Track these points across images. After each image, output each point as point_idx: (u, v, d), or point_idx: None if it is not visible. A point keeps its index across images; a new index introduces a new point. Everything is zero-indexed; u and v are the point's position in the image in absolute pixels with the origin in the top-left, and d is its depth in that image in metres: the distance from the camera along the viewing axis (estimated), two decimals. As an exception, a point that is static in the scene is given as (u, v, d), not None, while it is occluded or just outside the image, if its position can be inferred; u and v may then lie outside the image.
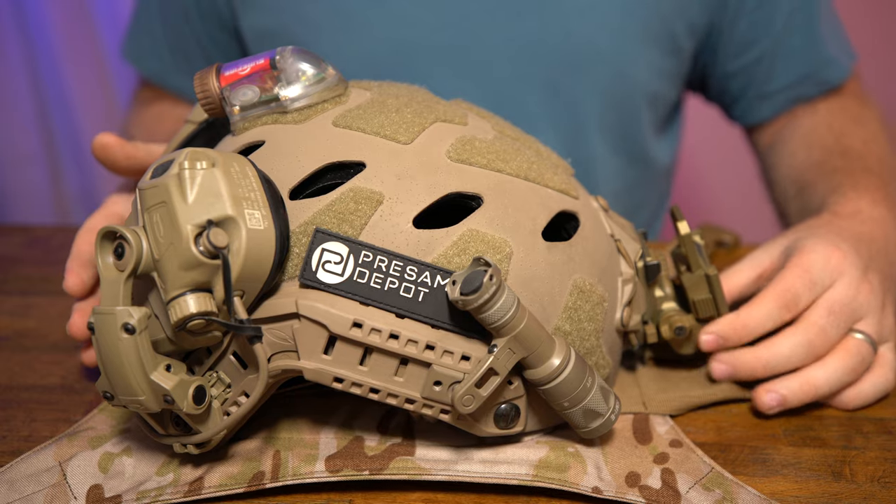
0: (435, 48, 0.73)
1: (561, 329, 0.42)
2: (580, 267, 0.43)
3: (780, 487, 0.42)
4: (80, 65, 1.36)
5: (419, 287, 0.39)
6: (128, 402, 0.37)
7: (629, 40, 0.74)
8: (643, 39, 0.74)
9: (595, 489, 0.40)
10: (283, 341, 0.38)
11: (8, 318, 0.61)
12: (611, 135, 0.79)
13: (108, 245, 0.37)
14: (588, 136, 0.78)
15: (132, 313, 0.36)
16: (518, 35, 0.73)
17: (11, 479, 0.41)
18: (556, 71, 0.74)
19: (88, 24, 1.35)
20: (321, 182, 0.41)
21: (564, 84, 0.75)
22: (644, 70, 0.76)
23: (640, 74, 0.76)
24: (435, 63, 0.73)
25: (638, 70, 0.76)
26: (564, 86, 0.75)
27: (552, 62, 0.74)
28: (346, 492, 0.41)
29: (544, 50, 0.73)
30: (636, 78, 0.76)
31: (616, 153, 0.80)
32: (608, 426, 0.42)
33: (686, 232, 0.49)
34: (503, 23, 0.72)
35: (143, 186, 0.37)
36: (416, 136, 0.42)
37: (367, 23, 0.73)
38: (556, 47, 0.73)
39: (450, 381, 0.39)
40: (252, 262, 0.36)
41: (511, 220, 0.41)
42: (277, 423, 0.45)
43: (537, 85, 0.75)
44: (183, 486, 0.40)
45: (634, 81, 0.76)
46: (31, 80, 1.37)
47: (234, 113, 0.43)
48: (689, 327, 0.48)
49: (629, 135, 0.80)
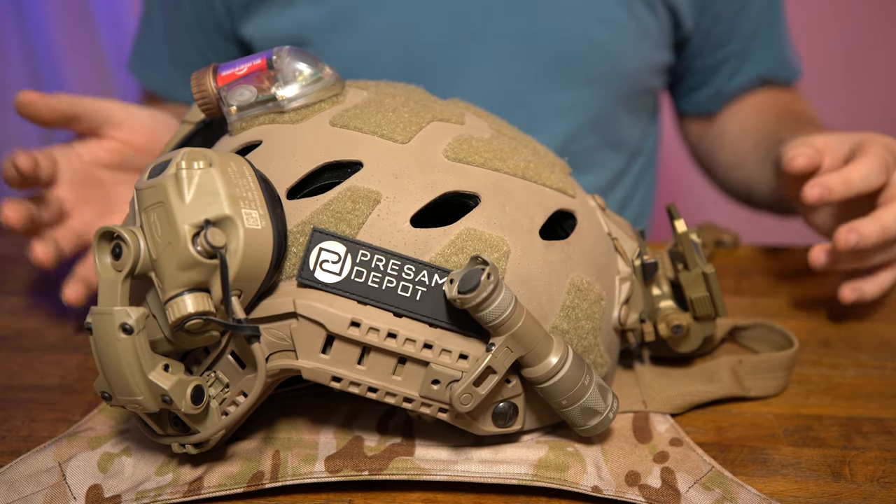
0: (427, 49, 0.73)
1: (559, 327, 0.41)
2: (578, 265, 0.43)
3: (780, 487, 0.42)
4: (80, 65, 1.36)
5: (417, 286, 0.39)
6: (126, 402, 0.37)
7: (623, 32, 0.75)
8: (639, 33, 0.75)
9: (595, 488, 0.40)
10: (281, 341, 0.38)
11: (8, 318, 0.61)
12: (607, 127, 0.80)
13: (105, 245, 0.37)
14: (586, 130, 0.78)
15: (130, 313, 0.36)
16: (512, 31, 0.73)
17: (11, 480, 0.41)
18: (554, 65, 0.74)
19: (88, 24, 1.35)
20: (318, 181, 0.41)
21: (563, 78, 0.75)
22: (639, 63, 0.77)
23: (634, 67, 0.77)
24: (429, 65, 0.73)
25: (634, 63, 0.77)
26: (563, 79, 0.75)
27: (549, 55, 0.74)
28: (345, 492, 0.41)
29: (540, 44, 0.73)
30: (632, 71, 0.77)
31: (611, 146, 0.81)
32: (606, 424, 0.42)
33: (683, 230, 0.49)
34: (497, 20, 0.73)
35: (140, 186, 0.37)
36: (413, 135, 0.42)
37: (363, 24, 0.73)
38: (552, 40, 0.73)
39: (448, 379, 0.39)
40: (250, 261, 0.36)
41: (508, 219, 0.41)
42: (276, 423, 0.45)
43: (536, 79, 0.75)
44: (182, 486, 0.40)
45: (631, 75, 0.77)
46: (32, 80, 1.37)
47: (231, 113, 0.43)
48: (687, 325, 0.48)
49: (626, 128, 0.81)
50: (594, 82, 0.76)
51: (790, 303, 0.63)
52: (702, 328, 0.49)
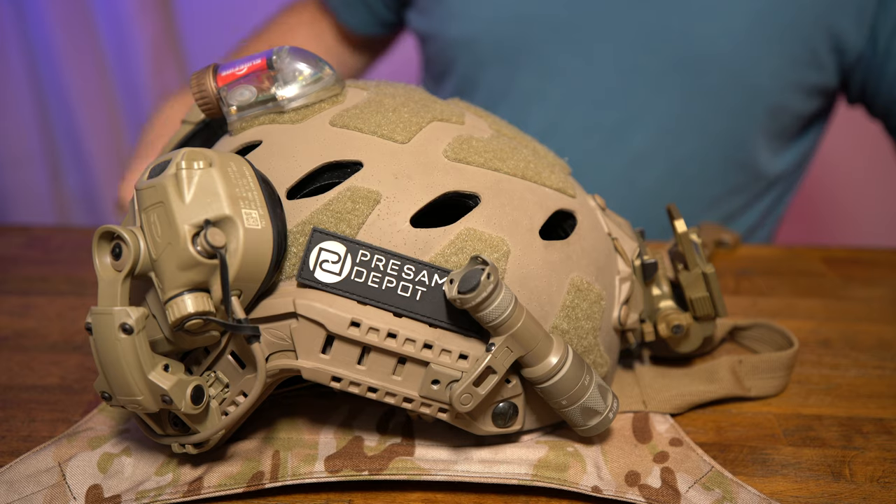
0: (551, 20, 0.73)
1: (558, 327, 0.41)
2: (577, 265, 0.43)
3: (780, 487, 0.42)
4: (81, 65, 1.36)
5: (417, 286, 0.39)
6: (126, 402, 0.37)
7: (753, 47, 0.72)
8: (772, 48, 0.72)
9: (595, 488, 0.40)
10: (281, 341, 0.38)
11: (7, 318, 0.61)
12: (716, 139, 0.77)
13: (105, 245, 0.37)
14: (687, 137, 0.76)
15: (130, 313, 0.36)
16: (636, 23, 0.72)
17: (11, 480, 0.41)
18: (669, 66, 0.73)
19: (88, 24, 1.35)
20: (318, 181, 0.41)
21: (674, 81, 0.74)
22: (768, 79, 0.73)
23: (762, 83, 0.74)
24: (549, 36, 0.73)
25: (760, 79, 0.73)
26: (674, 82, 0.74)
27: (666, 57, 0.73)
28: (345, 492, 0.41)
29: (660, 43, 0.72)
30: (757, 86, 0.74)
31: (719, 159, 0.78)
32: (606, 424, 0.42)
33: (683, 230, 0.49)
34: (624, 8, 0.72)
35: (140, 187, 0.37)
36: (413, 135, 0.42)
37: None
38: (674, 43, 0.72)
39: (448, 379, 0.39)
40: (250, 261, 0.36)
41: (508, 219, 0.41)
42: (276, 423, 0.45)
43: (647, 76, 0.74)
44: (182, 486, 0.40)
45: (755, 89, 0.74)
46: (32, 80, 1.37)
47: (232, 113, 0.43)
48: (687, 325, 0.48)
49: (739, 142, 0.77)
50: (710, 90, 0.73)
51: (790, 303, 0.63)
52: (702, 328, 0.49)
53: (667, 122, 0.76)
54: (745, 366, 0.49)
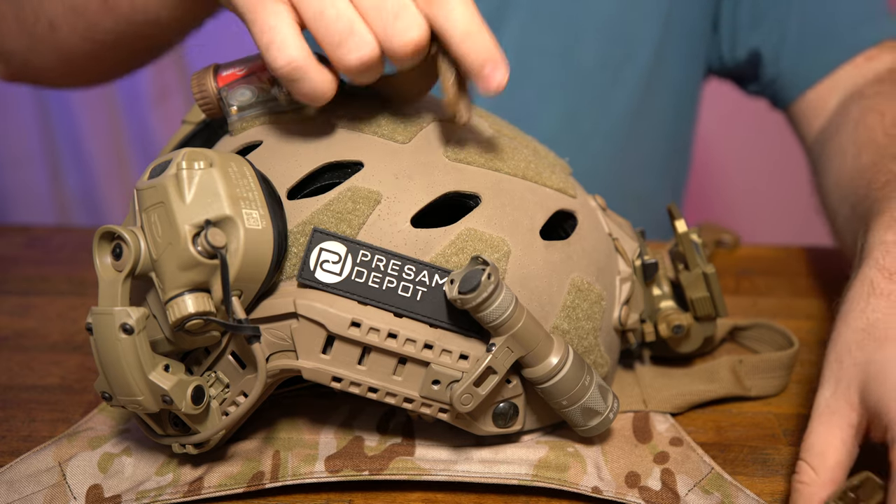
0: None
1: (559, 328, 0.41)
2: (578, 265, 0.43)
3: (780, 487, 0.42)
4: (80, 65, 1.35)
5: (417, 286, 0.39)
6: (126, 402, 0.37)
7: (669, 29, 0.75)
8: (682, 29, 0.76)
9: (595, 489, 0.40)
10: (282, 341, 0.38)
11: (7, 318, 0.61)
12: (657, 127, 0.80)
13: (105, 245, 0.37)
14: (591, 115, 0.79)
15: (130, 313, 0.36)
16: None
17: (11, 480, 0.41)
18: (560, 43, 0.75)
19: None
20: (319, 182, 0.41)
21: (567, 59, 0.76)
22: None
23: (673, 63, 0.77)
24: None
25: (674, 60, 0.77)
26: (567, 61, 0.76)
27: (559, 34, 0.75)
28: (345, 492, 0.41)
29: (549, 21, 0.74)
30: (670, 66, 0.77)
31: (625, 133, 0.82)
32: (606, 424, 0.42)
33: (683, 230, 0.49)
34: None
35: (140, 187, 0.37)
36: (413, 135, 0.42)
37: None
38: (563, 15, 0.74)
39: (448, 379, 0.39)
40: (250, 261, 0.36)
41: (509, 219, 0.41)
42: (277, 424, 0.45)
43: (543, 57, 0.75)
44: (182, 486, 0.40)
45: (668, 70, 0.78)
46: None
47: (232, 113, 0.43)
48: (687, 325, 0.48)
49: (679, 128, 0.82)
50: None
51: (790, 303, 0.63)
52: (702, 328, 0.49)
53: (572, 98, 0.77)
54: (746, 365, 0.49)
